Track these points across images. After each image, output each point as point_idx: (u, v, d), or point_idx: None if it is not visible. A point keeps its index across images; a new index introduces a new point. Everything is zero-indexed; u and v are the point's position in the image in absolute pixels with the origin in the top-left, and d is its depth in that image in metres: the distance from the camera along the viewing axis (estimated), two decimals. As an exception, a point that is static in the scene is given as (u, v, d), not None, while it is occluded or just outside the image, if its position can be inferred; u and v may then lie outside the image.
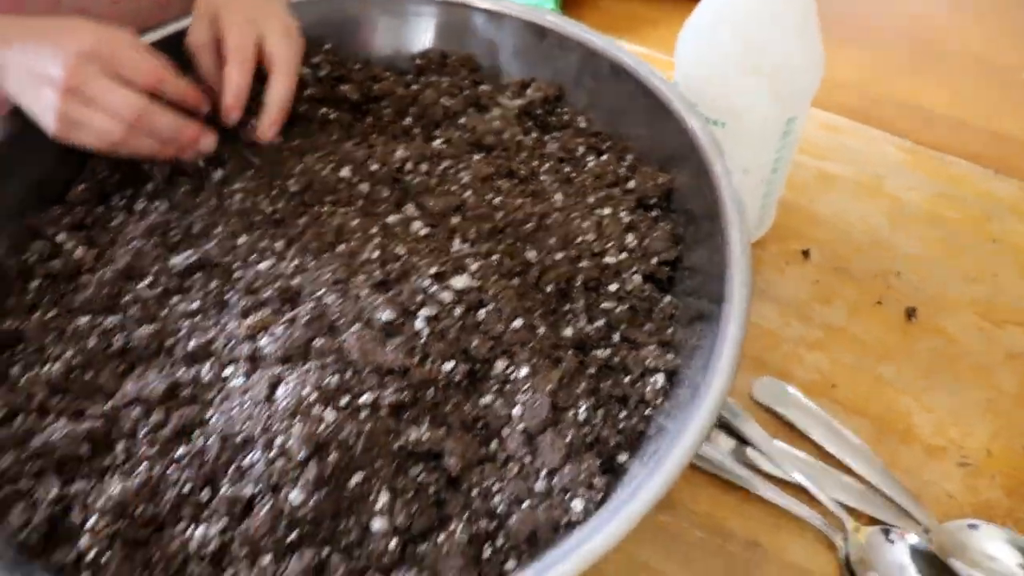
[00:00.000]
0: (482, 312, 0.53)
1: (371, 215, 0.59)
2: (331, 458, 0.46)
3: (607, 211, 0.59)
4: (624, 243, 0.58)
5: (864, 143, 0.90)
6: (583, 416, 0.50)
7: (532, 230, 0.58)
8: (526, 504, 0.47)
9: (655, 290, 0.57)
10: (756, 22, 0.63)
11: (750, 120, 0.67)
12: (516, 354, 0.52)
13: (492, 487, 0.48)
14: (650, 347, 0.54)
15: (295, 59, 0.63)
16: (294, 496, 0.46)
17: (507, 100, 0.68)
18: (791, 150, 0.72)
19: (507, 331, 0.52)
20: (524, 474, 0.48)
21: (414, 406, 0.50)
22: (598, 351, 0.54)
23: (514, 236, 0.58)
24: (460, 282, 0.54)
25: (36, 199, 0.63)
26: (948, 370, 0.71)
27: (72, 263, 0.59)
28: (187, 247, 0.58)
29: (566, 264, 0.56)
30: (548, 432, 0.49)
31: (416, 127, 0.67)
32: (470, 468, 0.49)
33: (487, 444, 0.50)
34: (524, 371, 0.51)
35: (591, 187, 0.61)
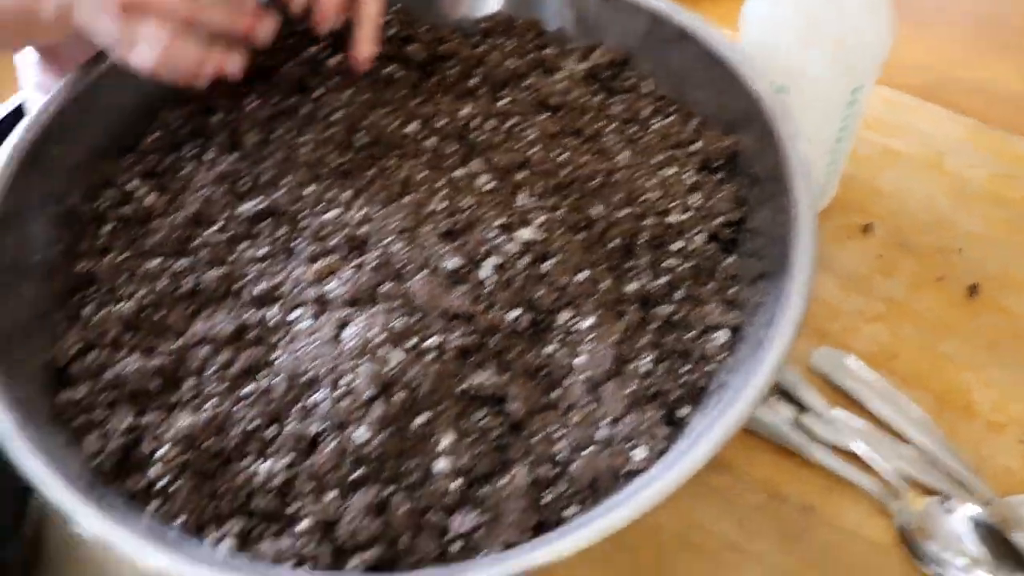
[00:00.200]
0: (547, 264, 0.53)
1: (437, 169, 0.59)
2: (397, 398, 0.47)
3: (672, 171, 0.59)
4: (688, 203, 0.57)
5: (928, 121, 0.88)
6: (645, 369, 0.51)
7: (597, 187, 0.58)
8: (588, 451, 0.47)
9: (718, 250, 0.57)
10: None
11: (814, 91, 0.67)
12: (580, 305, 0.52)
13: (554, 434, 0.48)
14: (712, 304, 0.54)
15: None
16: (359, 434, 0.46)
17: (573, 64, 0.68)
18: (856, 120, 0.71)
19: (571, 283, 0.53)
20: (586, 422, 0.48)
21: (479, 351, 0.50)
22: (661, 307, 0.54)
23: (579, 192, 0.58)
24: (526, 234, 0.54)
25: (110, 150, 0.64)
26: (1010, 347, 0.69)
27: (143, 209, 0.60)
28: (256, 195, 0.59)
29: (631, 221, 0.56)
30: (611, 382, 0.49)
31: (482, 88, 0.67)
32: (533, 414, 0.49)
33: (550, 392, 0.50)
34: (588, 322, 0.51)
35: (656, 147, 0.61)
